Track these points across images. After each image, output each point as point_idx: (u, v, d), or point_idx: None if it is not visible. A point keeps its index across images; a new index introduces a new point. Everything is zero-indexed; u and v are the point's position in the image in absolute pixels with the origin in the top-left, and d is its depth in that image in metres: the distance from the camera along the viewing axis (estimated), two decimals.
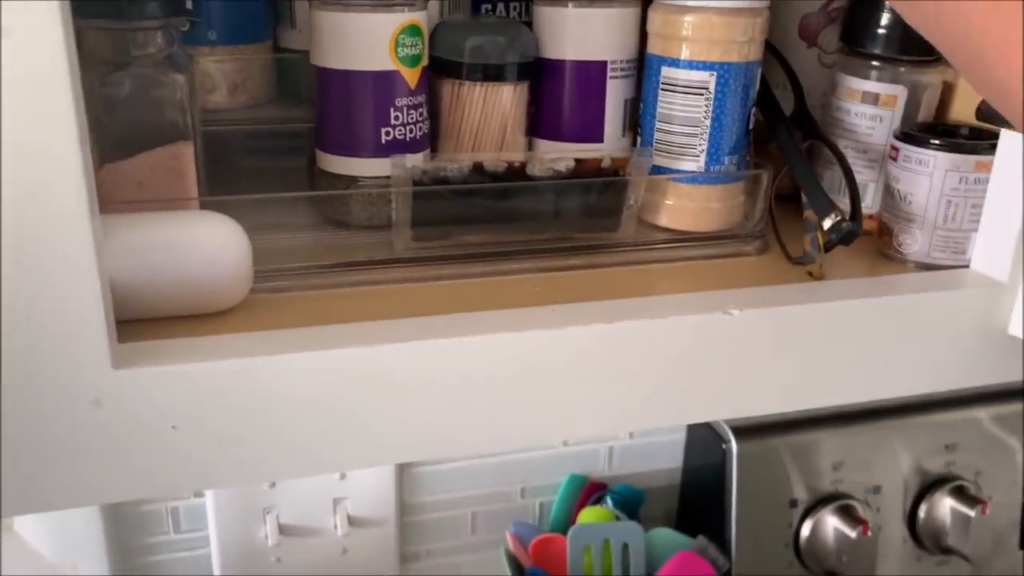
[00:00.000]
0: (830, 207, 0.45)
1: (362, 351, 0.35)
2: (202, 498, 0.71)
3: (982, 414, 0.80)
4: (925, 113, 0.50)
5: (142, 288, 0.35)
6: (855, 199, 0.46)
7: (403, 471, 0.76)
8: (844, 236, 0.44)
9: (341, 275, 0.41)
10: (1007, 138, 0.44)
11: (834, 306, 0.41)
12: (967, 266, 0.46)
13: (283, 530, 0.72)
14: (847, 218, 0.45)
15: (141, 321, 0.36)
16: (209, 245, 0.35)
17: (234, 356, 0.34)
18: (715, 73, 0.44)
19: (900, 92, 0.48)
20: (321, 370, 0.35)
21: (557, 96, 0.48)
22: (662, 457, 0.83)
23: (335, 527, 0.73)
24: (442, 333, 0.37)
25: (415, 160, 0.41)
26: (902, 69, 0.49)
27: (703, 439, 0.78)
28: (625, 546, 0.72)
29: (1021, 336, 0.43)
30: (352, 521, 0.73)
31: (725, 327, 0.40)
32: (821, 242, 0.44)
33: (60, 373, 0.32)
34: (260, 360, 0.34)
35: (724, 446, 0.74)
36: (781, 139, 0.49)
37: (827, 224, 0.44)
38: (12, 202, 0.30)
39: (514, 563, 0.74)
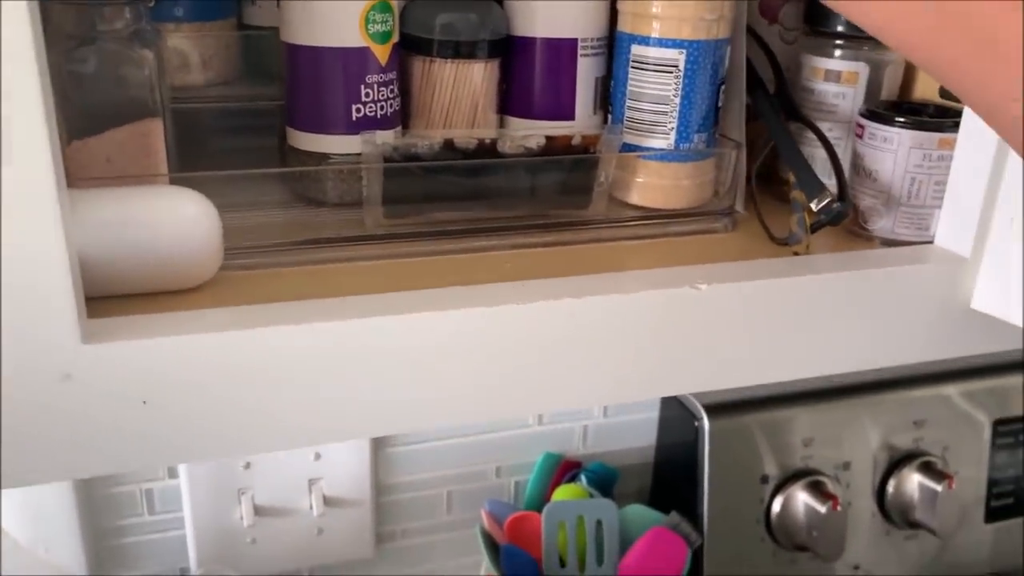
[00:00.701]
0: (820, 188, 0.45)
1: (332, 325, 0.35)
2: (176, 479, 0.71)
3: (950, 391, 0.81)
4: (889, 90, 0.50)
5: (111, 264, 0.35)
6: (841, 179, 0.47)
7: (378, 451, 0.76)
8: (834, 217, 0.44)
9: (312, 252, 0.42)
10: (970, 116, 0.44)
11: (800, 281, 0.42)
12: (931, 242, 0.47)
13: (258, 511, 0.72)
14: (836, 199, 0.45)
15: (111, 298, 0.36)
16: (179, 220, 0.35)
17: (204, 331, 0.34)
18: (684, 51, 0.45)
19: (861, 69, 0.49)
20: (292, 345, 0.35)
21: (528, 74, 0.48)
22: (636, 435, 0.84)
23: (310, 507, 0.73)
24: (412, 308, 0.37)
25: (386, 137, 0.41)
26: (864, 47, 0.49)
27: (676, 417, 0.79)
28: (599, 523, 0.72)
29: (983, 310, 0.44)
30: (328, 501, 0.74)
31: (693, 301, 0.40)
32: (808, 223, 0.45)
33: (29, 348, 0.32)
34: (230, 335, 0.34)
35: (696, 423, 0.75)
36: (769, 121, 0.49)
37: (817, 205, 0.45)
38: None
39: (489, 541, 0.74)
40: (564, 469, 0.81)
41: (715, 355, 0.42)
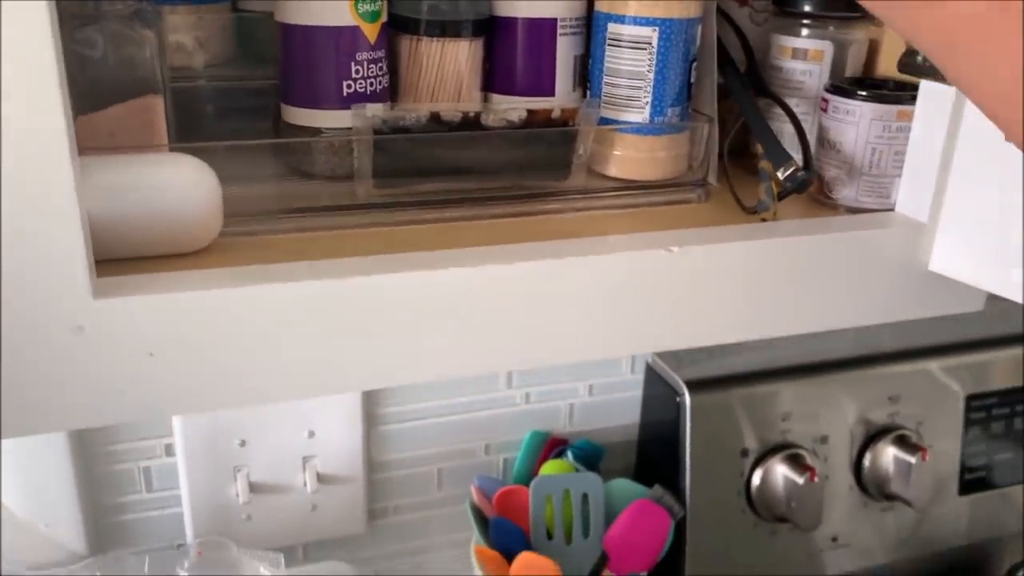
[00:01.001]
0: (786, 158, 0.48)
1: (325, 283, 0.38)
2: (173, 457, 0.72)
3: (924, 367, 0.83)
4: (853, 67, 0.53)
5: (117, 226, 0.37)
6: (806, 150, 0.50)
7: (370, 429, 0.78)
8: (799, 184, 0.47)
9: (306, 219, 0.44)
10: (927, 89, 0.47)
11: (767, 243, 0.44)
12: (892, 209, 0.50)
13: (253, 488, 0.73)
14: (801, 168, 0.48)
15: (117, 261, 0.38)
16: (181, 184, 0.37)
17: (207, 288, 0.36)
18: (658, 29, 0.47)
19: (826, 47, 0.52)
20: (287, 301, 0.38)
21: (510, 52, 0.50)
22: (621, 414, 0.86)
23: (304, 484, 0.74)
24: (401, 268, 0.39)
25: (376, 110, 0.44)
26: (830, 27, 0.52)
27: (659, 394, 0.81)
28: (585, 496, 0.74)
29: (940, 272, 0.47)
30: (321, 478, 0.75)
31: (665, 263, 0.43)
32: (775, 191, 0.47)
33: (44, 302, 0.34)
34: (231, 292, 0.36)
35: (678, 399, 0.77)
36: (739, 97, 0.52)
37: (783, 174, 0.47)
38: None
39: (479, 515, 0.76)
40: (551, 446, 0.83)
41: (686, 314, 0.44)
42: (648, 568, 0.73)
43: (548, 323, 0.42)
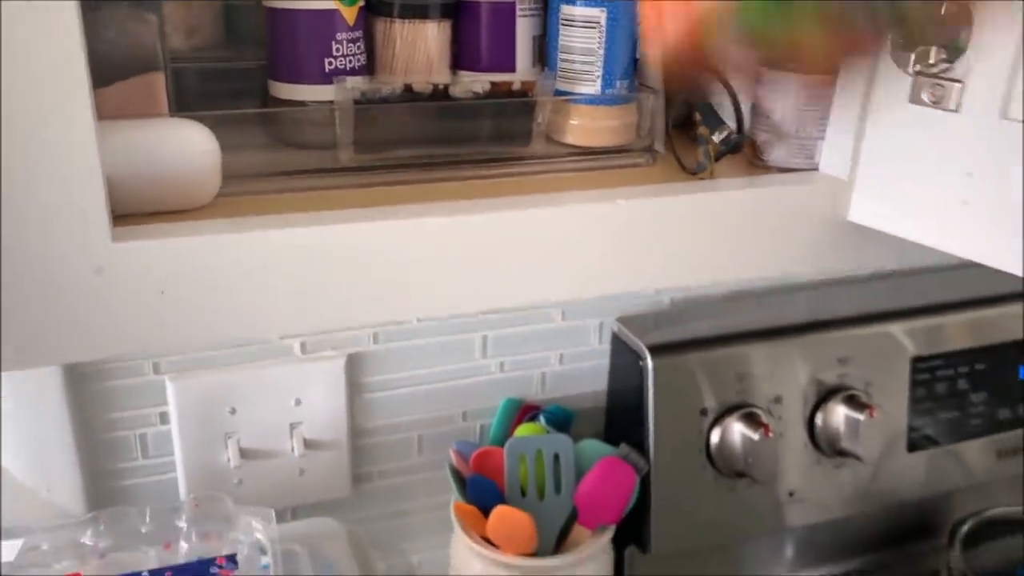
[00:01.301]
0: (721, 123, 0.54)
1: (314, 230, 0.43)
2: (168, 425, 0.76)
3: (872, 331, 0.88)
4: None
5: (130, 183, 0.42)
6: (739, 116, 0.55)
7: (354, 397, 0.82)
8: (732, 146, 0.53)
9: (294, 181, 0.49)
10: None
11: (703, 197, 0.50)
12: (817, 168, 0.56)
13: (244, 454, 0.77)
14: (734, 131, 0.54)
15: (128, 216, 0.43)
16: (185, 144, 0.42)
17: (211, 233, 0.41)
18: (606, 10, 0.53)
19: None
20: (282, 246, 0.43)
21: (475, 33, 0.56)
22: (590, 381, 0.90)
23: (292, 450, 0.78)
24: (382, 217, 0.44)
25: (355, 83, 0.49)
26: None
27: (624, 361, 0.86)
28: (556, 456, 0.78)
29: (859, 222, 0.53)
30: (308, 444, 0.79)
31: (614, 214, 0.48)
32: (712, 153, 0.53)
33: (69, 246, 0.39)
34: (232, 236, 0.42)
35: (641, 363, 0.81)
36: None
37: (718, 137, 0.53)
38: (25, 108, 0.37)
39: (458, 476, 0.80)
40: (524, 412, 0.86)
41: (632, 261, 0.50)
42: (616, 520, 0.77)
43: (510, 268, 0.47)
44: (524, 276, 0.48)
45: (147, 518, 0.67)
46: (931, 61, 0.47)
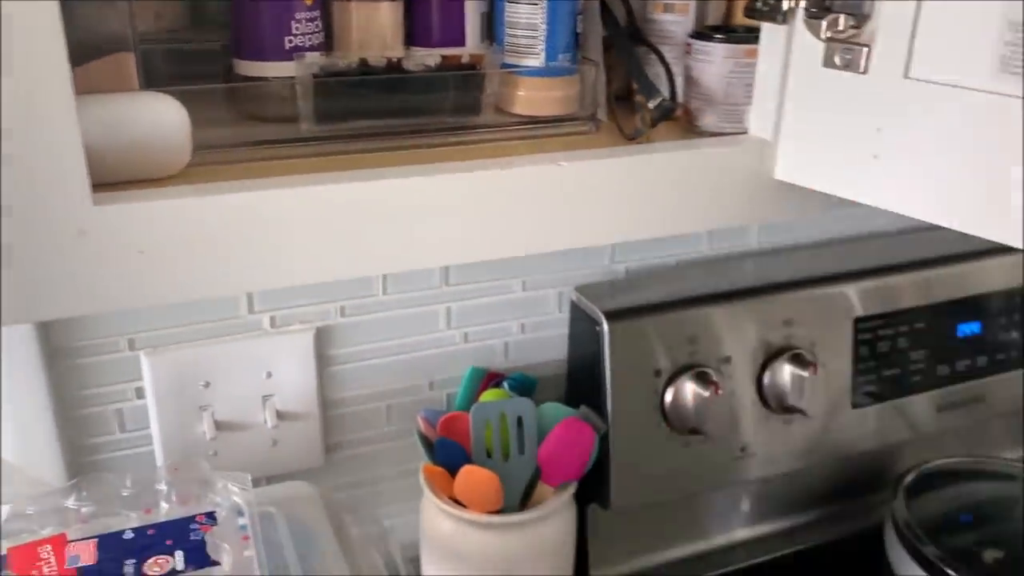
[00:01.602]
0: (655, 91, 0.58)
1: (279, 192, 0.47)
2: (144, 400, 0.78)
3: (816, 293, 0.93)
4: (713, 18, 0.64)
5: (107, 152, 0.45)
6: (672, 84, 0.60)
7: (323, 370, 0.84)
8: (665, 112, 0.58)
9: (259, 150, 0.53)
10: (767, 31, 0.58)
11: (639, 159, 0.54)
12: (745, 132, 0.60)
13: (219, 426, 0.79)
14: (668, 99, 0.58)
15: (105, 184, 0.47)
16: (157, 113, 0.46)
17: (184, 196, 0.45)
18: None
19: (691, 2, 0.62)
20: (249, 207, 0.46)
21: (426, 11, 0.60)
22: (552, 349, 0.94)
23: (265, 422, 0.81)
24: (343, 179, 0.48)
25: (313, 58, 0.53)
26: None
27: (582, 327, 0.89)
28: (520, 419, 0.81)
29: (783, 179, 0.57)
30: (280, 416, 0.81)
31: (558, 175, 0.52)
32: (648, 119, 0.57)
33: (52, 209, 0.42)
34: (205, 199, 0.45)
35: (598, 328, 0.85)
36: (618, 44, 0.62)
37: (653, 104, 0.57)
38: (13, 86, 0.40)
39: (426, 441, 0.83)
40: (488, 380, 0.90)
41: (575, 217, 0.54)
42: (577, 477, 0.81)
43: (462, 225, 0.51)
44: (478, 233, 0.52)
45: (127, 483, 0.69)
46: (840, 28, 0.51)
